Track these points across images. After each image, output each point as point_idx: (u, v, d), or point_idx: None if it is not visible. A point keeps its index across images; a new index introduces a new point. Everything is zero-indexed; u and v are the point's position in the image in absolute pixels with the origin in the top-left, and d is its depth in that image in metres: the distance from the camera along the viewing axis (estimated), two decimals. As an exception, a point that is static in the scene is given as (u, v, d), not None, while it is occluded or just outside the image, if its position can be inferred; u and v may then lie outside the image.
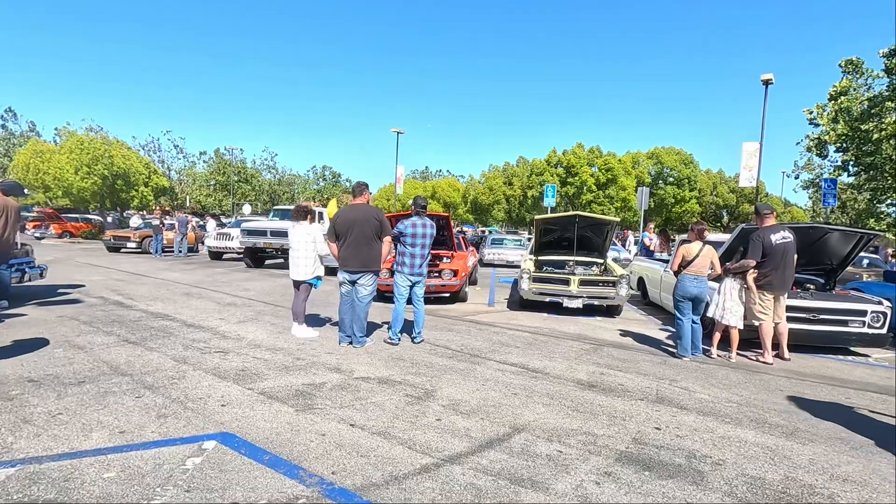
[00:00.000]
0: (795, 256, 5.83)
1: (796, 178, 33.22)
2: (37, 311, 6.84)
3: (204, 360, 4.82)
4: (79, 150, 22.73)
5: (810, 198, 44.92)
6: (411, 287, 5.91)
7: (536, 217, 9.50)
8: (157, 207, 24.21)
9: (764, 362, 5.71)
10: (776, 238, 5.71)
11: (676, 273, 5.97)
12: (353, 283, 5.63)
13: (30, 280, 7.75)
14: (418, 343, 5.94)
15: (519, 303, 8.85)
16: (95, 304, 7.58)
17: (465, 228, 51.03)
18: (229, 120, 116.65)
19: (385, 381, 4.45)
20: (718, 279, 5.99)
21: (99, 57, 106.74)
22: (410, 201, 6.36)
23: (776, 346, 5.90)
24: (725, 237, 8.45)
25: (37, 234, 24.21)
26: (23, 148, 25.93)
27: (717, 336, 5.95)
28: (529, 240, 27.28)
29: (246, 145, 71.45)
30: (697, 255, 5.84)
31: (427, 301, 8.73)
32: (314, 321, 6.86)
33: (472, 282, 11.91)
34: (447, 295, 9.02)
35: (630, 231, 29.07)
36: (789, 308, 5.99)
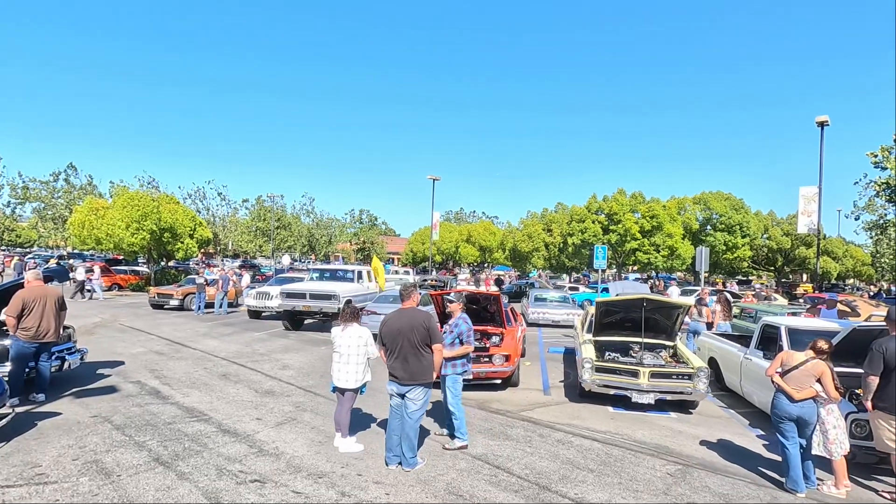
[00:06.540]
0: None
1: (856, 219, 31.29)
2: (71, 408, 6.52)
3: (238, 498, 4.25)
4: (130, 206, 23.59)
5: (871, 238, 42.10)
6: None
7: (598, 299, 8.71)
8: (201, 267, 24.60)
9: (901, 503, 4.67)
10: None
11: (773, 380, 5.07)
12: (402, 395, 5.05)
13: (69, 367, 7.51)
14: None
15: (578, 392, 7.99)
16: (132, 395, 7.24)
17: (496, 271, 49.95)
18: (272, 167, 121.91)
19: (445, 540, 3.75)
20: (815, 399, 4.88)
21: (151, 111, 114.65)
22: (453, 295, 6.19)
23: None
24: (821, 324, 7.43)
25: (88, 288, 25.03)
26: (80, 205, 27.23)
27: (840, 469, 4.91)
28: (573, 290, 26.22)
29: (287, 191, 74.03)
30: (797, 367, 4.90)
31: (475, 387, 8.06)
32: (357, 419, 6.26)
33: (521, 353, 11.09)
34: (498, 381, 8.26)
35: (675, 283, 27.44)
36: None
